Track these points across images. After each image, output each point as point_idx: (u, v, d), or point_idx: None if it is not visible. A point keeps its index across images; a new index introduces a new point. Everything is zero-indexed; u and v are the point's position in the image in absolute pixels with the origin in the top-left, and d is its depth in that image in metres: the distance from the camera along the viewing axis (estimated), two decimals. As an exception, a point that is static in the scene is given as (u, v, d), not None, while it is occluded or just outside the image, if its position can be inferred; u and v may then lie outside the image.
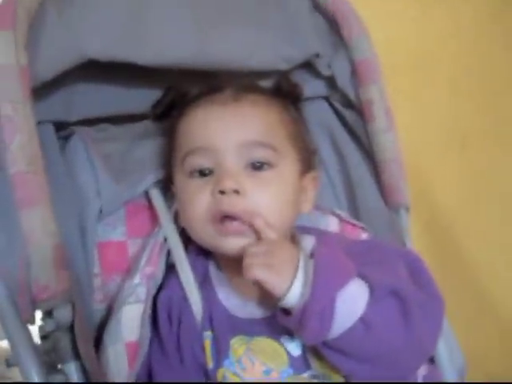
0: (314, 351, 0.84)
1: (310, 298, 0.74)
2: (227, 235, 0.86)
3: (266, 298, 0.85)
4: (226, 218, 0.86)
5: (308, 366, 0.85)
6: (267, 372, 0.86)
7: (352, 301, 0.76)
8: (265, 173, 0.89)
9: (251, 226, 0.85)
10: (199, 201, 0.88)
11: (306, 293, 0.75)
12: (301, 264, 0.78)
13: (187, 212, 0.91)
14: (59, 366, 0.82)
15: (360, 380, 0.82)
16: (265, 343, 0.87)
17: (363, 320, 0.76)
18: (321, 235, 0.94)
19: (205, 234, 0.89)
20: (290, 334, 0.85)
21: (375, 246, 0.93)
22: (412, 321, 0.77)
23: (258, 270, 0.77)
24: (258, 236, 0.85)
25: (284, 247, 0.82)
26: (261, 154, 0.89)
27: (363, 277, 0.79)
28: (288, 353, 0.86)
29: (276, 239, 0.83)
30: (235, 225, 0.86)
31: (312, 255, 0.80)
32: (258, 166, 0.88)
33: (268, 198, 0.87)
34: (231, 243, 0.86)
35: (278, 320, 0.81)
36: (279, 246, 0.82)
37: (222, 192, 0.85)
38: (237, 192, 0.85)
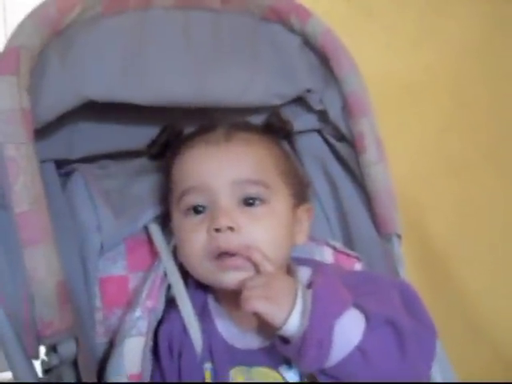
0: (312, 380, 0.85)
1: (309, 327, 0.76)
2: (226, 270, 0.88)
3: (264, 328, 0.87)
4: (224, 254, 0.88)
5: (306, 395, 0.86)
6: None
7: (349, 329, 0.78)
8: (257, 208, 0.91)
9: (249, 260, 0.87)
10: (196, 239, 0.90)
11: (304, 322, 0.77)
12: (299, 294, 0.80)
13: (185, 250, 0.93)
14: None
15: None
16: (264, 373, 0.88)
17: (360, 348, 0.77)
18: (317, 266, 0.96)
19: (203, 270, 0.91)
20: (288, 363, 0.87)
21: (370, 278, 0.94)
22: (407, 349, 0.79)
23: (257, 303, 0.80)
24: (257, 269, 0.87)
25: (281, 279, 0.85)
26: (253, 191, 0.91)
27: (359, 307, 0.81)
28: (286, 382, 0.87)
29: (273, 271, 0.86)
30: (234, 259, 0.88)
31: (309, 285, 0.82)
32: (250, 203, 0.91)
33: (262, 233, 0.89)
34: (230, 278, 0.88)
35: (276, 348, 0.83)
36: (276, 278, 0.84)
37: (218, 230, 0.88)
38: (231, 229, 0.88)
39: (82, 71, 0.91)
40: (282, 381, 0.87)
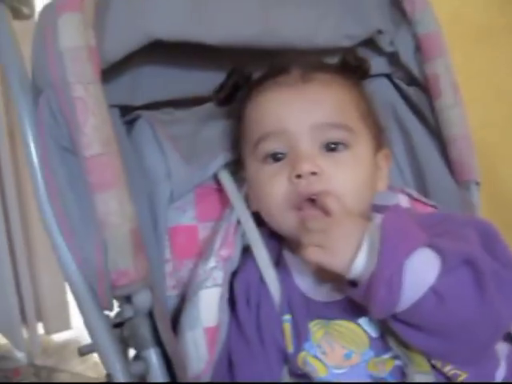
0: (393, 331, 0.80)
1: (377, 265, 0.73)
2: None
3: (342, 279, 0.82)
4: (306, 203, 0.84)
5: (388, 348, 0.82)
6: (348, 355, 0.83)
7: (422, 269, 0.74)
8: (340, 154, 0.88)
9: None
10: (276, 187, 0.87)
11: (371, 262, 0.73)
12: (366, 234, 0.76)
13: (264, 199, 0.90)
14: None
15: (434, 356, 0.79)
16: (343, 326, 0.85)
17: (434, 290, 0.73)
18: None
19: (284, 220, 0.88)
20: (368, 315, 0.82)
21: (446, 218, 0.90)
22: (487, 291, 0.73)
23: (312, 253, 0.78)
24: (325, 211, 0.82)
25: (344, 223, 0.80)
26: (335, 135, 0.88)
27: (434, 246, 0.76)
28: (368, 334, 0.83)
29: (339, 214, 0.81)
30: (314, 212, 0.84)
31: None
32: (332, 148, 0.87)
33: (346, 179, 0.86)
34: None
35: (346, 293, 0.80)
36: (338, 223, 0.80)
37: (299, 176, 0.84)
38: (314, 174, 0.84)
39: (149, 8, 0.87)
40: (362, 333, 0.83)
